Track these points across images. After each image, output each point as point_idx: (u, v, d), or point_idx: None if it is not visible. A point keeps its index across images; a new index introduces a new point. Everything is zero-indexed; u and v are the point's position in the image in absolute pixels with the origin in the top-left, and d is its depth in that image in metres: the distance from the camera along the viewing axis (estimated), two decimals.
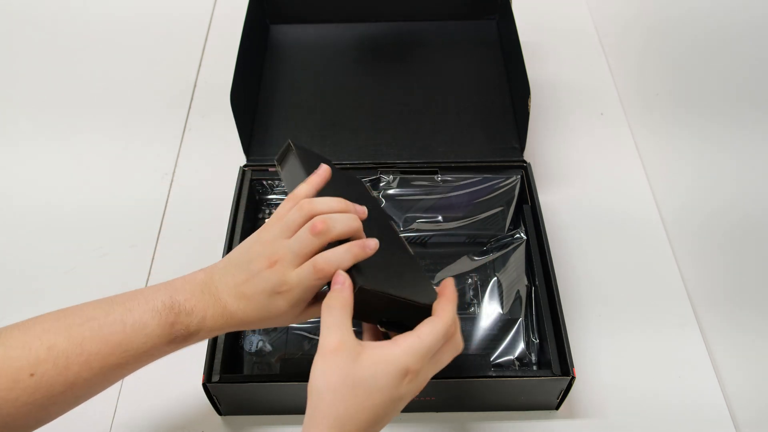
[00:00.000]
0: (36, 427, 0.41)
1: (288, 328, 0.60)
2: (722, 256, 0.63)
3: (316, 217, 0.43)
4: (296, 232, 0.44)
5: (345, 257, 0.42)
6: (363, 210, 0.46)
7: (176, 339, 0.43)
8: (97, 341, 0.41)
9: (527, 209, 0.65)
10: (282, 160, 0.51)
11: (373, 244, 0.44)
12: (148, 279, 0.67)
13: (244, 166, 0.68)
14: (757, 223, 0.59)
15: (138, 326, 0.42)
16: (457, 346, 0.43)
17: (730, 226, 0.61)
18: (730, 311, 0.62)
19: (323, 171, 0.47)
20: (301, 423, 0.57)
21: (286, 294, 0.43)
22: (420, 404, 0.56)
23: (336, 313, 0.40)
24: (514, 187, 0.67)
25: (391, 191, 0.67)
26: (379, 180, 0.67)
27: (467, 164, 0.68)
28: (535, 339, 0.58)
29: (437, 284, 0.62)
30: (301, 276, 0.43)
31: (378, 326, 0.46)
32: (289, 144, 0.50)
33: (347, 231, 0.44)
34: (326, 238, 0.43)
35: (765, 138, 0.55)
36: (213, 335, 0.45)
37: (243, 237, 0.61)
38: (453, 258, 0.64)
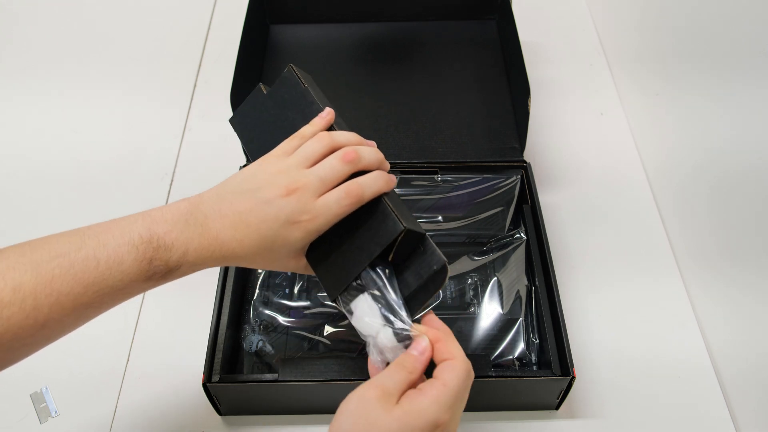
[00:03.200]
0: (3, 368, 0.38)
1: (288, 328, 0.60)
2: (724, 257, 0.63)
3: (345, 147, 0.44)
4: (317, 162, 0.43)
5: (378, 183, 0.43)
6: (373, 143, 0.47)
7: (154, 276, 0.40)
8: (68, 280, 0.37)
9: (527, 209, 0.65)
10: (279, 86, 0.50)
11: (395, 178, 0.45)
12: None
13: (244, 165, 0.68)
14: None
15: (113, 262, 0.38)
16: (471, 377, 0.41)
17: (735, 227, 0.61)
18: (733, 306, 0.62)
19: (328, 115, 0.47)
20: (300, 423, 0.57)
21: (306, 223, 0.41)
22: None
23: (402, 374, 0.38)
24: (514, 187, 0.67)
25: None
26: None
27: (467, 164, 0.68)
28: (535, 339, 0.58)
29: None
30: (329, 202, 0.41)
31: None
32: (292, 69, 0.49)
33: (375, 162, 0.45)
34: (357, 167, 0.43)
35: None
36: (196, 270, 0.42)
37: None
38: (453, 258, 0.64)
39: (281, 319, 0.60)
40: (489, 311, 0.60)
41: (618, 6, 0.89)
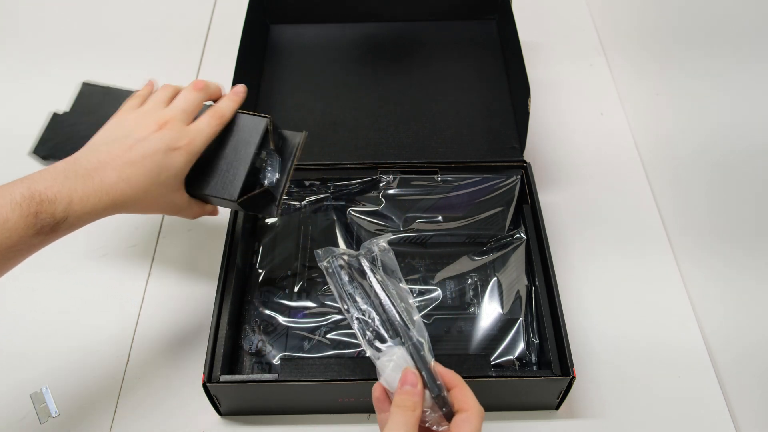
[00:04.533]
0: None
1: (288, 328, 0.60)
2: (725, 258, 0.63)
3: (194, 80, 0.52)
4: (169, 102, 0.49)
5: (232, 103, 0.52)
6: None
7: (43, 229, 0.42)
8: None
9: (527, 209, 0.65)
10: (79, 100, 0.58)
11: (242, 88, 0.54)
12: (148, 279, 0.67)
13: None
14: None
15: None
16: (482, 420, 0.42)
17: (737, 227, 0.61)
18: (733, 306, 0.62)
19: (150, 83, 0.55)
20: (300, 423, 0.57)
21: (186, 146, 0.47)
22: None
23: (408, 415, 0.40)
24: (514, 187, 0.67)
25: (391, 191, 0.67)
26: (379, 180, 0.67)
27: (467, 164, 0.68)
28: (535, 339, 0.58)
29: (437, 284, 0.62)
30: (201, 126, 0.49)
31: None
32: (88, 84, 0.58)
33: (218, 89, 0.54)
34: (207, 93, 0.52)
35: None
36: (85, 221, 0.44)
37: (243, 236, 0.62)
38: (453, 258, 0.64)
39: (281, 319, 0.60)
40: (489, 311, 0.60)
41: (618, 6, 0.89)
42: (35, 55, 0.92)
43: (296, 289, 0.62)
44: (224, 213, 0.63)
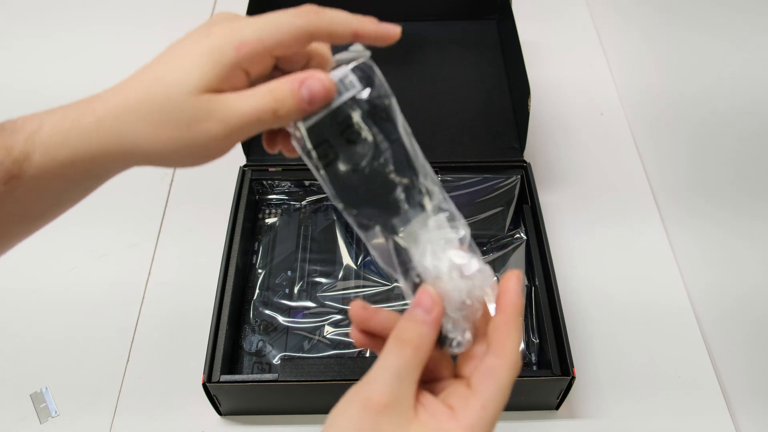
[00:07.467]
0: None
1: (288, 328, 0.60)
2: (729, 260, 0.63)
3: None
4: None
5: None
6: None
7: None
8: None
9: (527, 209, 0.65)
10: None
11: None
12: (148, 279, 0.67)
13: (244, 166, 0.68)
14: None
15: None
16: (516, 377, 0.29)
17: (740, 229, 0.61)
18: (734, 307, 0.62)
19: None
20: (300, 423, 0.57)
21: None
22: None
23: (407, 354, 0.27)
24: (514, 187, 0.67)
25: None
26: None
27: (467, 164, 0.68)
28: (535, 339, 0.58)
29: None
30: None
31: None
32: None
33: None
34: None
35: None
36: (58, 162, 0.28)
37: (243, 237, 0.62)
38: None
39: (281, 319, 0.60)
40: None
41: (618, 6, 0.89)
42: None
43: (296, 289, 0.62)
44: (224, 213, 0.63)
